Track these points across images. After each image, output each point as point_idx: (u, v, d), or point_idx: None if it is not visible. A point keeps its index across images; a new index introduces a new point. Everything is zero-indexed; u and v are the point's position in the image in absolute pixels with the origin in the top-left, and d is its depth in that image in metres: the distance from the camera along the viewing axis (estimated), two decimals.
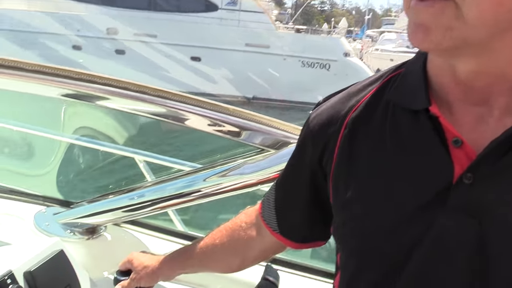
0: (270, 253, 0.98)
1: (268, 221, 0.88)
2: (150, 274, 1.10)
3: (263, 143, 1.11)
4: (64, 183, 2.77)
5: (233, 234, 0.96)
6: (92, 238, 1.38)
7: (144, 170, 1.80)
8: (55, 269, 1.16)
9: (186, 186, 1.29)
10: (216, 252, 0.99)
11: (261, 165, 1.10)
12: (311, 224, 0.84)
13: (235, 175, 1.17)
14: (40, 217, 1.40)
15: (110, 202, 1.36)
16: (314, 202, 0.80)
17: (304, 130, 0.78)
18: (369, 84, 0.73)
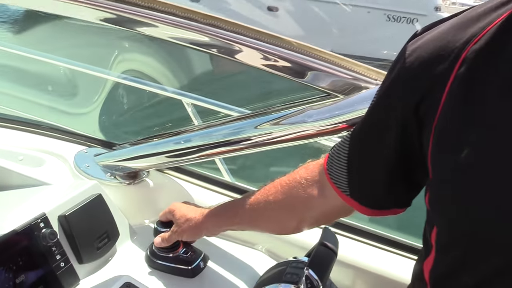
0: (333, 216, 0.83)
1: (336, 180, 0.72)
2: (193, 228, 0.99)
3: (330, 86, 0.92)
4: (107, 124, 2.71)
5: (290, 191, 0.81)
6: (133, 183, 1.28)
7: (192, 114, 1.67)
8: (92, 214, 1.07)
9: (236, 133, 1.14)
10: (269, 210, 0.85)
11: (326, 113, 0.92)
12: (391, 188, 0.67)
13: (293, 123, 1.00)
14: (81, 157, 1.31)
15: (154, 145, 1.25)
16: (400, 161, 0.63)
17: (397, 68, 0.60)
18: (499, 6, 0.52)
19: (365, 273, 1.10)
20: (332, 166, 0.73)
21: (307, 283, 0.85)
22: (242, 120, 1.17)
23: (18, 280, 0.88)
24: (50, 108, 2.58)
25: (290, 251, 1.15)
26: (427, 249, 0.62)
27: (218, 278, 1.09)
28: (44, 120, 1.54)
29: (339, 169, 0.72)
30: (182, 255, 1.08)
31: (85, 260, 1.02)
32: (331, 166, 0.74)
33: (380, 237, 1.14)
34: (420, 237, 0.66)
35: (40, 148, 1.36)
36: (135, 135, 2.03)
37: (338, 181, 0.72)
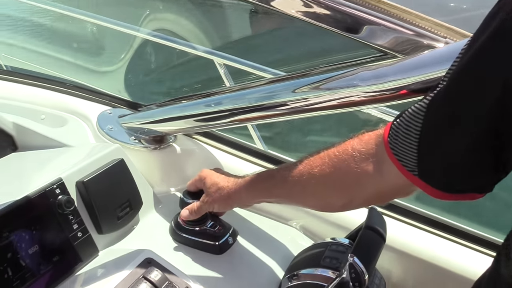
0: (389, 197, 0.72)
1: (401, 156, 0.60)
2: (225, 198, 0.89)
3: (388, 44, 0.78)
4: (133, 83, 2.59)
5: (340, 164, 0.69)
6: (159, 148, 1.18)
7: (224, 75, 1.54)
8: (113, 181, 0.98)
9: (272, 97, 1.01)
10: (314, 185, 0.74)
11: (382, 75, 0.77)
12: (473, 171, 0.54)
13: (341, 87, 0.86)
14: (104, 118, 1.22)
15: (183, 108, 1.14)
16: (491, 139, 0.50)
17: (501, 15, 0.46)
18: None
19: (414, 261, 0.98)
20: (397, 140, 0.60)
21: (351, 272, 0.74)
22: (281, 82, 1.04)
23: (31, 250, 0.81)
24: (74, 65, 2.49)
25: (329, 230, 1.04)
26: None
27: (248, 256, 1.00)
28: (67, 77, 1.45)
29: (406, 144, 0.59)
30: (210, 229, 0.99)
31: (104, 230, 0.94)
32: (395, 139, 0.61)
33: (434, 220, 1.01)
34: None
35: (62, 107, 1.28)
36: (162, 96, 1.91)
37: (403, 157, 0.60)
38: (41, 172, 0.95)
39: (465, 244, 1.01)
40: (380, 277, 0.89)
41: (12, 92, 1.35)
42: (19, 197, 0.82)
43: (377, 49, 0.79)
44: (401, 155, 0.60)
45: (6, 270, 0.77)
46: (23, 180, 0.93)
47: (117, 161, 1.00)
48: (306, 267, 0.87)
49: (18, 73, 1.40)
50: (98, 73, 2.48)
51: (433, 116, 0.57)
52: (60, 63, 2.48)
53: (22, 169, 1.04)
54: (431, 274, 0.98)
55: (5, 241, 0.78)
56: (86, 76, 2.31)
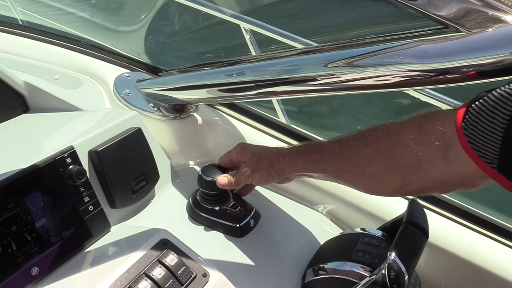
0: (452, 187, 0.63)
1: (480, 146, 0.51)
2: (267, 168, 0.82)
3: (452, 15, 0.67)
4: (154, 46, 2.47)
5: (399, 144, 0.62)
6: (179, 117, 1.09)
7: (250, 42, 1.44)
8: (129, 151, 0.91)
9: (301, 69, 0.91)
10: (365, 162, 0.67)
11: (442, 51, 0.67)
12: None
13: (387, 64, 0.76)
14: (121, 82, 1.14)
15: (206, 75, 1.05)
16: None
17: None
18: None
19: (450, 258, 0.89)
20: (475, 127, 0.51)
21: (390, 272, 0.66)
22: (312, 54, 0.95)
23: (38, 223, 0.74)
24: (92, 22, 2.37)
25: (359, 218, 0.96)
26: None
27: (269, 241, 0.92)
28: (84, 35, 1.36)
29: (487, 134, 0.50)
30: (231, 210, 0.92)
31: (118, 205, 0.87)
32: (473, 125, 0.52)
33: (473, 215, 0.92)
34: None
35: (78, 67, 1.20)
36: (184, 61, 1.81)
37: (481, 147, 0.51)
38: (52, 137, 0.88)
39: (505, 241, 0.92)
40: (415, 276, 0.81)
41: (26, 48, 1.27)
42: (26, 165, 0.75)
43: (438, 20, 0.68)
44: (479, 144, 0.51)
45: (10, 244, 0.70)
46: (32, 146, 0.87)
47: (134, 130, 0.92)
48: (335, 260, 0.79)
49: (34, 29, 1.32)
50: (117, 33, 2.36)
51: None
52: (78, 19, 2.37)
53: (32, 133, 0.97)
54: (469, 273, 0.89)
55: (10, 212, 0.71)
56: (105, 34, 2.19)
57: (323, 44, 0.97)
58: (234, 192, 0.95)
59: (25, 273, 0.71)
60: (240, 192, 0.96)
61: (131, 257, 0.74)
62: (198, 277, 0.75)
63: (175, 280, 0.72)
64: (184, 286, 0.72)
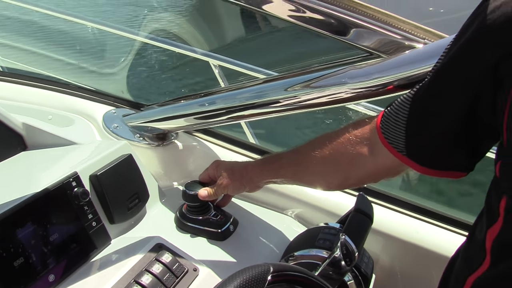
0: (380, 176, 0.81)
1: (392, 139, 0.70)
2: (238, 179, 0.98)
3: (374, 45, 0.87)
4: (135, 84, 2.70)
5: (338, 147, 0.79)
6: (162, 145, 1.26)
7: (218, 76, 1.63)
8: (123, 174, 1.06)
9: (264, 95, 1.10)
10: (315, 164, 0.84)
11: (369, 73, 0.87)
12: (453, 152, 0.64)
13: (330, 85, 0.95)
14: (109, 118, 1.30)
15: (182, 107, 1.22)
16: (467, 126, 0.59)
17: (477, 23, 0.55)
18: None
19: (399, 243, 1.07)
20: (388, 125, 0.70)
21: (343, 249, 0.83)
22: (272, 82, 1.13)
23: (52, 238, 0.88)
24: (78, 67, 2.57)
25: (321, 217, 1.13)
26: (491, 217, 0.59)
27: (248, 242, 1.08)
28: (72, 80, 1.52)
29: (395, 129, 0.69)
30: (212, 218, 1.07)
31: (116, 220, 1.01)
32: (386, 125, 0.71)
33: (416, 206, 1.11)
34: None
35: (68, 107, 1.35)
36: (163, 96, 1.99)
37: (394, 140, 0.69)
38: (56, 167, 1.03)
39: (442, 225, 1.11)
40: (368, 256, 0.98)
41: (19, 94, 1.42)
42: (39, 189, 0.90)
43: (364, 50, 0.88)
44: (392, 138, 0.69)
45: (30, 255, 0.84)
46: (40, 175, 1.01)
47: (126, 156, 1.08)
48: (302, 249, 0.96)
49: (24, 76, 1.47)
50: (102, 75, 2.56)
51: (418, 106, 0.66)
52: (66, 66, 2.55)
53: (36, 165, 1.11)
54: (413, 253, 1.07)
55: (29, 229, 0.85)
56: (91, 78, 2.38)
57: (282, 74, 1.16)
58: (214, 204, 1.11)
59: (44, 279, 0.85)
60: (219, 204, 1.12)
61: (133, 259, 0.88)
62: (190, 272, 0.90)
63: (171, 274, 0.87)
64: (178, 278, 0.87)
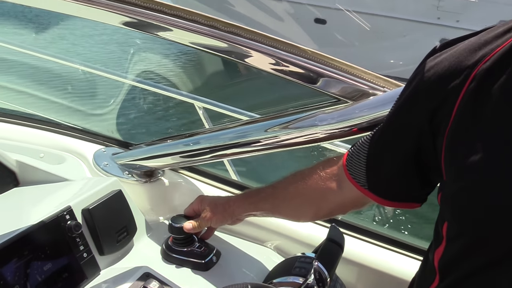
0: (347, 208, 0.91)
1: (355, 175, 0.80)
2: (221, 212, 1.07)
3: (341, 92, 0.99)
4: (124, 124, 2.81)
5: (310, 182, 0.90)
6: (149, 181, 1.34)
7: (203, 117, 1.74)
8: (112, 209, 1.13)
9: (246, 135, 1.20)
10: (290, 198, 0.94)
11: (337, 117, 0.98)
12: (407, 184, 0.75)
13: (304, 127, 1.06)
14: (99, 156, 1.38)
15: (169, 146, 1.31)
16: (416, 160, 0.70)
17: (417, 80, 0.67)
18: (506, 32, 0.60)
19: (368, 270, 1.16)
20: (352, 163, 0.81)
21: (316, 274, 0.91)
22: (253, 124, 1.24)
23: (46, 267, 0.95)
24: (70, 108, 2.68)
25: (298, 248, 1.21)
26: (438, 241, 0.69)
27: (230, 272, 1.15)
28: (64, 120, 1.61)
29: (358, 166, 0.79)
30: (196, 250, 1.15)
31: (106, 252, 1.08)
32: (350, 162, 0.81)
33: (383, 236, 1.20)
34: None
35: (60, 146, 1.43)
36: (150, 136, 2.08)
37: (357, 176, 0.80)
38: (50, 202, 1.09)
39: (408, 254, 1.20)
40: (341, 284, 1.06)
41: (12, 133, 1.49)
42: (34, 222, 0.97)
43: (332, 96, 1.00)
44: (355, 174, 0.80)
45: (26, 284, 0.90)
46: (36, 209, 1.07)
47: (115, 192, 1.16)
48: (280, 276, 1.03)
49: (17, 116, 1.55)
50: (92, 115, 2.66)
51: (375, 145, 0.77)
52: (58, 107, 2.65)
53: (31, 200, 1.18)
54: (378, 278, 1.16)
55: (25, 259, 0.92)
56: (82, 118, 2.48)
57: (262, 116, 1.27)
58: (198, 236, 1.19)
59: None
60: (203, 236, 1.19)
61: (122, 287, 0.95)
62: None
63: None
64: None
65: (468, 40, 0.64)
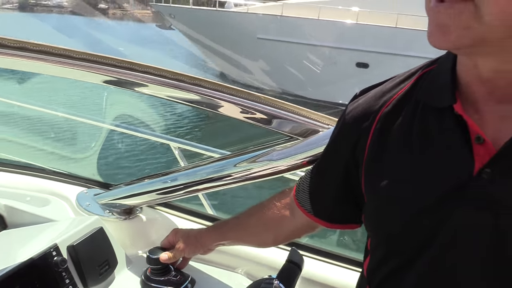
0: (301, 232, 1.04)
1: (303, 203, 0.94)
2: (193, 243, 1.19)
3: (292, 131, 1.14)
4: (104, 167, 2.95)
5: (268, 212, 1.03)
6: (128, 218, 1.46)
7: (178, 156, 1.88)
8: (95, 245, 1.25)
9: (217, 171, 1.34)
10: (252, 227, 1.07)
11: (289, 152, 1.14)
12: (343, 208, 0.88)
13: (264, 161, 1.21)
14: (82, 197, 1.50)
15: (146, 185, 1.44)
16: (347, 187, 0.84)
17: (341, 121, 0.83)
18: (403, 81, 0.76)
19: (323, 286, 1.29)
20: (299, 193, 0.95)
21: None
22: (223, 160, 1.38)
23: None
24: (54, 154, 2.81)
25: (266, 271, 1.34)
26: (366, 253, 0.83)
27: None
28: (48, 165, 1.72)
29: (304, 195, 0.93)
30: (173, 278, 1.26)
31: (89, 284, 1.19)
32: (298, 192, 0.96)
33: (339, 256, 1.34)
34: None
35: (45, 190, 1.54)
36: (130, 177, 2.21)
37: (304, 204, 0.94)
38: (37, 240, 1.20)
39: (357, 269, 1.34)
40: None
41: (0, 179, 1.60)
42: (25, 259, 1.08)
43: (285, 134, 1.16)
44: (303, 202, 0.94)
45: None
46: (25, 248, 1.18)
47: (97, 229, 1.27)
48: None
49: (4, 163, 1.66)
50: (75, 160, 2.79)
51: (315, 176, 0.92)
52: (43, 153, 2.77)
53: (19, 240, 1.28)
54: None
55: None
56: (65, 163, 2.61)
57: (232, 153, 1.41)
58: (174, 266, 1.30)
59: None
60: (179, 266, 1.31)
61: None
62: None
63: None
64: None
65: (378, 87, 0.80)
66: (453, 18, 0.53)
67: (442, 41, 0.55)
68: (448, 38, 0.54)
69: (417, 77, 0.73)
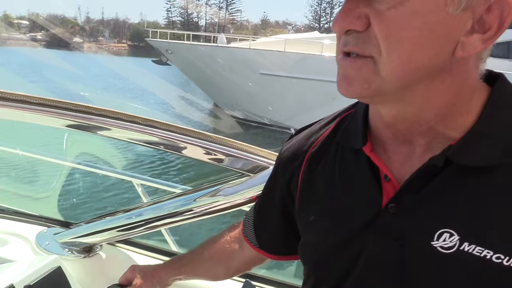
0: (251, 264, 1.09)
1: (249, 237, 1.00)
2: (150, 279, 1.22)
3: (243, 168, 1.21)
4: (65, 205, 2.94)
5: (219, 246, 1.08)
6: (88, 256, 1.48)
7: (141, 192, 1.91)
8: (52, 285, 1.26)
9: (178, 206, 1.39)
10: (205, 261, 1.11)
11: (240, 188, 1.20)
12: (285, 240, 0.94)
13: (218, 196, 1.27)
14: (41, 236, 1.51)
15: (106, 222, 1.47)
16: (287, 221, 0.90)
17: (277, 160, 0.90)
18: (328, 123, 0.84)
19: None
20: (245, 227, 1.01)
21: None
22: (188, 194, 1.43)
23: None
24: (14, 193, 2.79)
25: None
26: (303, 282, 0.89)
27: None
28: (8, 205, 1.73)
29: (249, 229, 0.99)
30: None
31: None
32: (244, 227, 1.02)
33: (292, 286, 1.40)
34: None
35: (4, 230, 1.55)
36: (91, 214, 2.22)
37: (250, 237, 1.00)
38: None
39: None
40: None
41: None
42: None
43: (236, 171, 1.23)
44: (249, 236, 1.00)
45: None
46: None
47: (55, 268, 1.29)
48: None
49: None
50: (34, 199, 2.77)
51: (257, 211, 0.98)
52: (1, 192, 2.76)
53: None
54: None
55: None
56: (24, 202, 2.59)
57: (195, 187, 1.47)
58: None
59: None
60: None
61: None
62: None
63: None
64: None
65: (309, 128, 0.88)
66: (356, 71, 0.61)
67: (348, 91, 0.63)
68: (353, 89, 0.62)
69: (339, 120, 0.81)
